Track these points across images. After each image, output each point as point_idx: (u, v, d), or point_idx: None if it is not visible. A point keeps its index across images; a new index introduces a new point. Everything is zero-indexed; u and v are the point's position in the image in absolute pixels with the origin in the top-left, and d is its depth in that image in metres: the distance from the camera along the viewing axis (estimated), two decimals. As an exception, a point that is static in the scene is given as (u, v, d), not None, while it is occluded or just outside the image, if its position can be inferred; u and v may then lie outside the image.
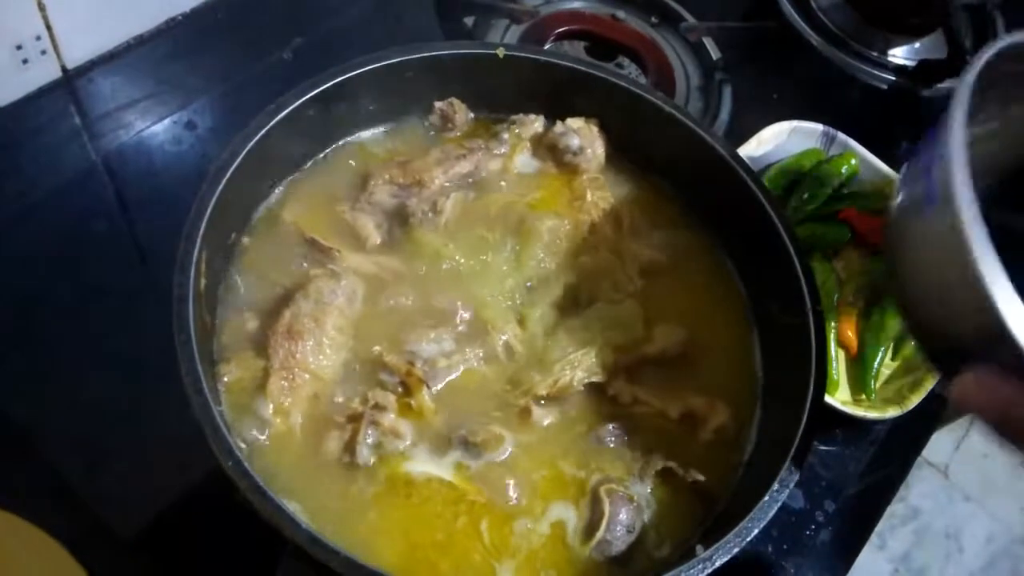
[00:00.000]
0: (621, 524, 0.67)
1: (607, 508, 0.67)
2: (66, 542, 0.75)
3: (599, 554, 0.67)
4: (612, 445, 0.73)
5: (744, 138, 1.08)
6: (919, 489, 2.06)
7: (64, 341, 0.90)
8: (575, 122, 0.88)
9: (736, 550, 0.60)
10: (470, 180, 0.85)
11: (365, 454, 0.68)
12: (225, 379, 0.69)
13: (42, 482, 0.82)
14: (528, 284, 0.81)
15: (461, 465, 0.70)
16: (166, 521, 0.81)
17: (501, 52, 0.84)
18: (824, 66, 1.24)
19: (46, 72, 1.07)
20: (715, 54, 1.23)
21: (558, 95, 0.88)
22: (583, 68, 0.86)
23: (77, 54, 1.09)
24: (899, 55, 1.28)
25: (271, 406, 0.69)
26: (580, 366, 0.74)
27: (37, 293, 0.92)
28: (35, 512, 0.76)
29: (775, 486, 0.63)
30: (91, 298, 0.93)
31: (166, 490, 0.82)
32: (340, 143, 0.86)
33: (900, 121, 1.26)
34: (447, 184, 0.83)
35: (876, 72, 1.25)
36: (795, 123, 1.10)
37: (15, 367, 0.88)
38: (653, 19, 1.26)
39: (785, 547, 0.87)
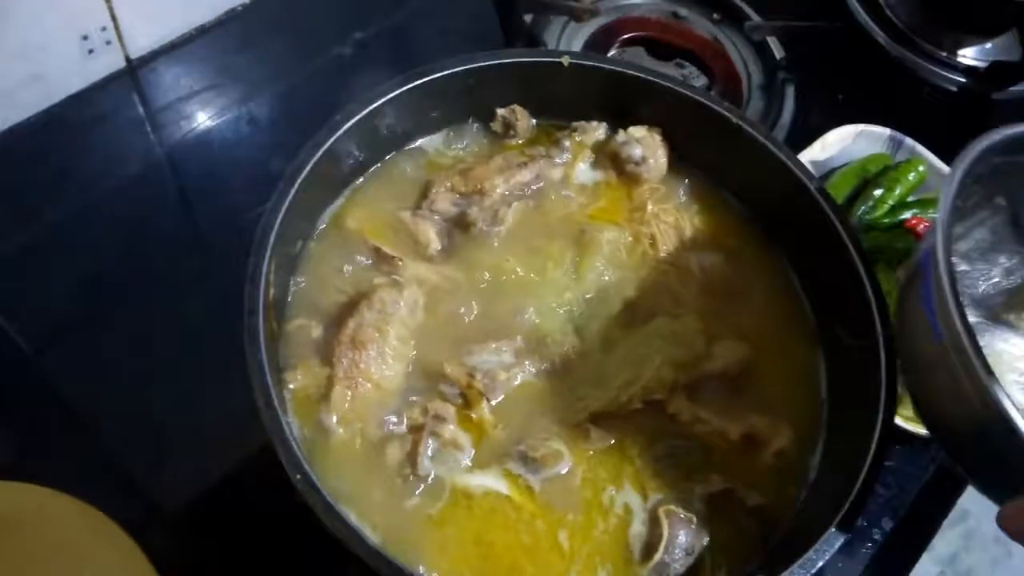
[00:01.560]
0: (680, 546, 0.67)
1: (666, 530, 0.67)
2: (125, 523, 0.78)
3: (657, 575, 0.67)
4: (671, 464, 0.72)
5: (806, 140, 1.06)
6: (968, 492, 2.01)
7: (126, 327, 0.92)
8: (638, 131, 0.86)
9: (800, 581, 0.60)
10: (531, 189, 0.85)
11: (426, 465, 0.68)
12: (291, 387, 0.70)
13: (105, 467, 0.85)
14: (587, 296, 0.80)
15: (519, 479, 0.70)
16: (223, 503, 0.83)
17: (566, 60, 0.83)
18: (891, 66, 1.21)
19: (111, 62, 1.10)
20: (779, 53, 1.20)
21: (621, 102, 0.87)
22: (648, 76, 0.84)
23: (141, 44, 1.11)
24: (969, 56, 1.24)
25: (335, 415, 0.69)
26: (639, 383, 0.73)
27: (100, 281, 0.95)
28: (95, 493, 0.78)
29: (842, 515, 0.62)
30: (152, 287, 0.95)
31: (223, 473, 0.84)
32: (402, 150, 0.86)
33: (970, 126, 1.22)
34: (508, 193, 0.83)
35: (945, 73, 1.21)
36: (861, 127, 1.08)
37: (78, 354, 0.90)
38: (715, 15, 1.23)
39: (840, 564, 0.87)
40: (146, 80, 1.12)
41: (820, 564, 0.60)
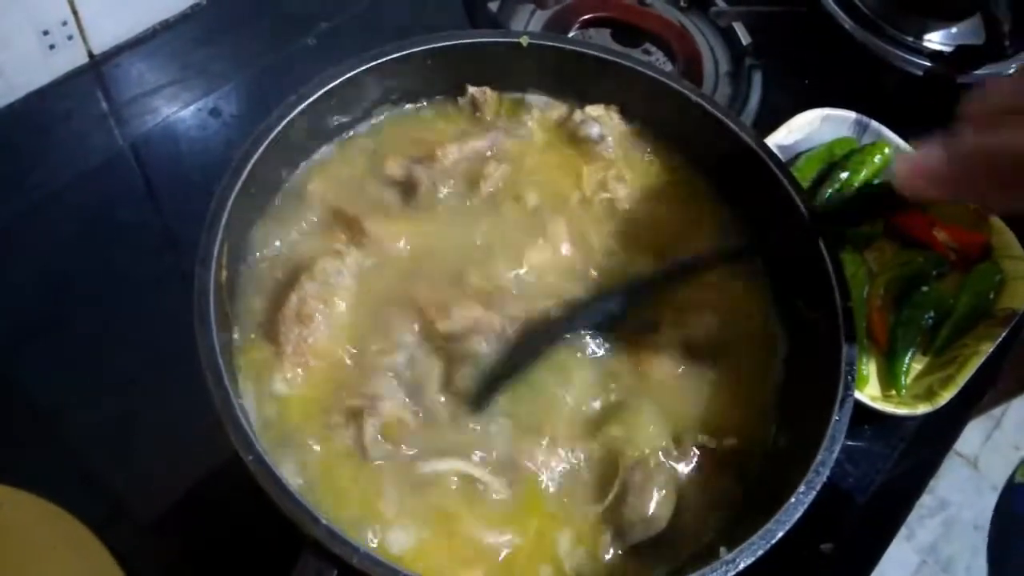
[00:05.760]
0: (648, 511, 0.66)
1: (632, 497, 0.66)
2: (91, 524, 0.76)
3: (622, 544, 0.67)
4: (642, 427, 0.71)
5: (774, 125, 1.06)
6: (948, 480, 2.03)
7: (90, 325, 0.91)
8: (595, 109, 0.86)
9: (760, 552, 0.59)
10: (485, 157, 0.83)
11: (376, 444, 0.67)
12: (244, 368, 0.69)
13: (67, 465, 0.83)
14: (545, 265, 0.79)
15: (484, 458, 0.69)
16: (189, 504, 0.82)
17: (525, 40, 0.82)
18: (857, 51, 1.21)
19: (73, 57, 1.08)
20: (745, 39, 1.20)
21: (581, 82, 0.87)
22: (606, 56, 0.84)
23: (103, 39, 1.10)
24: (935, 40, 1.25)
25: (284, 392, 0.69)
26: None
27: (64, 277, 0.94)
28: (61, 494, 0.77)
29: (801, 488, 0.62)
30: (117, 282, 0.94)
31: (190, 474, 0.83)
32: (361, 129, 0.85)
33: (935, 109, 1.23)
34: (462, 159, 0.82)
35: (911, 58, 1.21)
36: (827, 111, 1.08)
37: (41, 351, 0.89)
38: (682, 3, 1.24)
39: (811, 543, 0.86)
40: (109, 75, 1.11)
41: (781, 534, 0.60)
